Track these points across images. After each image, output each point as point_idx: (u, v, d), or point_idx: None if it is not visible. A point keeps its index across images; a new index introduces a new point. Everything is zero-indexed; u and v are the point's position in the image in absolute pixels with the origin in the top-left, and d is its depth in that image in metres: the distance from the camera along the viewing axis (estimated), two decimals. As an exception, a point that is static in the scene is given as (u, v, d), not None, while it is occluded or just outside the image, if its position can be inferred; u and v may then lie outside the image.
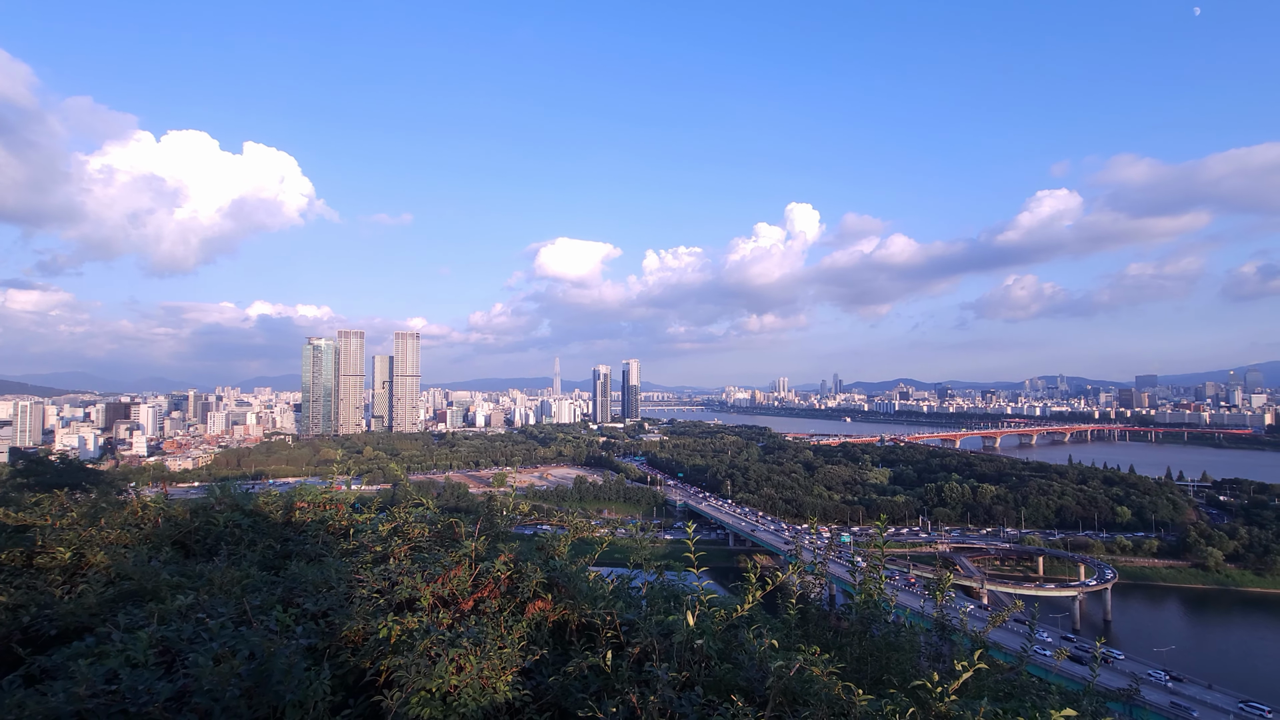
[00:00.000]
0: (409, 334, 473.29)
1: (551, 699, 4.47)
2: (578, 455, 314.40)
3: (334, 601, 5.00)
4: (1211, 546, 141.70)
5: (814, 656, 4.30)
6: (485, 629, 4.60)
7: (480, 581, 5.45)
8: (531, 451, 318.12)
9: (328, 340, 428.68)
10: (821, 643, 6.53)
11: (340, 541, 7.67)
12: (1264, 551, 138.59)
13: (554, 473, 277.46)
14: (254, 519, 8.34)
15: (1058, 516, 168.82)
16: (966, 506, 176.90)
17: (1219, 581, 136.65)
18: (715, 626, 5.26)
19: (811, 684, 4.11)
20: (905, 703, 3.99)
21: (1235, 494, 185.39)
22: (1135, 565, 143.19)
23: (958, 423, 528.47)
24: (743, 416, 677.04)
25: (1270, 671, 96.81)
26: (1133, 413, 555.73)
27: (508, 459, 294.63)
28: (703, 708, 4.07)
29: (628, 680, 4.35)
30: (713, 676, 4.63)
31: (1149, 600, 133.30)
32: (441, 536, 7.73)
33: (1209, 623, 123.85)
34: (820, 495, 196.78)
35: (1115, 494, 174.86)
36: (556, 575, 5.83)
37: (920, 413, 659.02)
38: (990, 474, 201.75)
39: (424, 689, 3.95)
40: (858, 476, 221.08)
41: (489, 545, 6.27)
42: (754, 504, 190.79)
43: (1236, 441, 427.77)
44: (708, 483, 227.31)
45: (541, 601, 5.36)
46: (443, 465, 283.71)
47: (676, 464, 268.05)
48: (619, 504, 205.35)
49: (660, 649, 4.80)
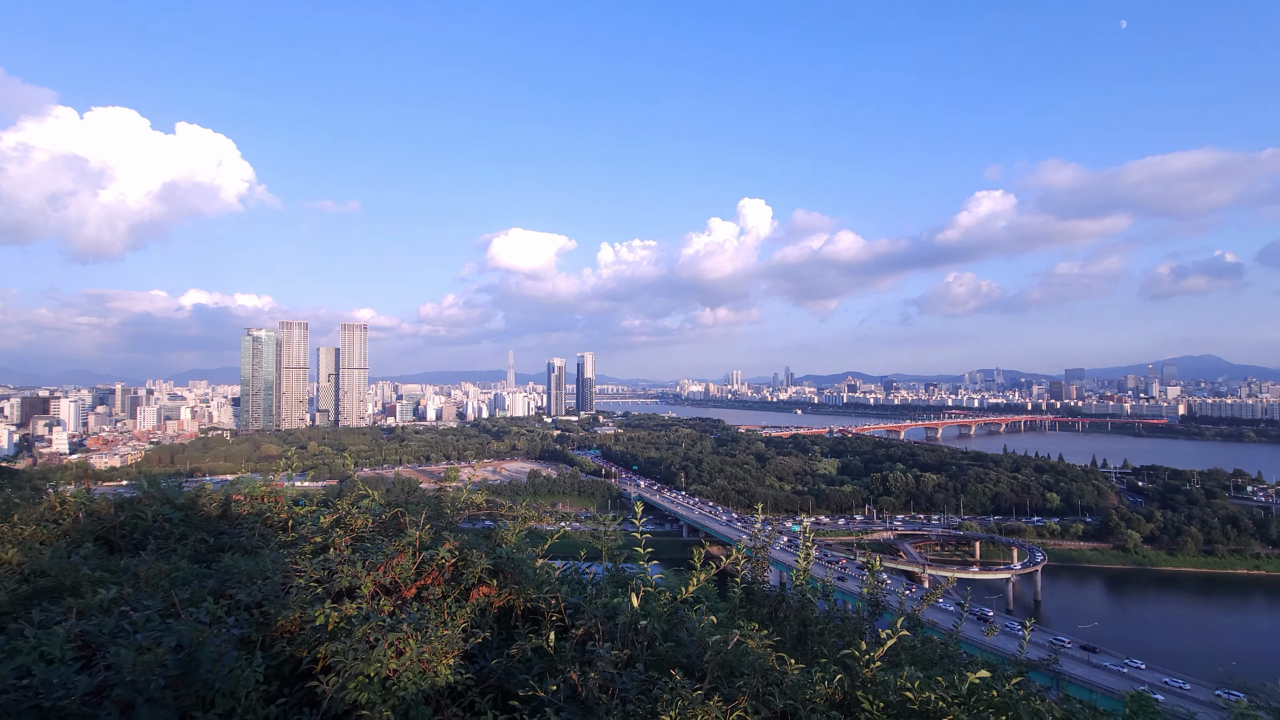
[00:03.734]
0: (356, 325, 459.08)
1: (495, 681, 4.52)
2: (532, 449, 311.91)
3: (269, 592, 4.90)
4: (1130, 529, 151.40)
5: (752, 631, 4.47)
6: (428, 614, 4.62)
7: (424, 569, 5.43)
8: (485, 445, 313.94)
9: (269, 331, 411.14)
10: (763, 621, 6.78)
11: (279, 534, 7.48)
12: (1176, 533, 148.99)
13: (508, 466, 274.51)
14: (186, 513, 8.03)
15: (994, 503, 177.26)
16: (910, 495, 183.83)
17: (1137, 562, 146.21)
18: (660, 608, 5.40)
19: (747, 656, 4.27)
20: (834, 670, 4.19)
21: (1152, 480, 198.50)
22: (1063, 548, 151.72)
23: (902, 414, 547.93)
24: (697, 409, 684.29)
25: (1179, 643, 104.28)
26: (1062, 404, 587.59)
27: (460, 453, 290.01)
28: (643, 683, 4.17)
29: (570, 660, 4.44)
30: (655, 654, 4.76)
31: (1075, 580, 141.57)
32: (386, 527, 7.63)
33: (1128, 600, 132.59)
34: (772, 486, 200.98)
35: (1046, 481, 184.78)
36: (503, 562, 5.86)
37: (867, 405, 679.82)
38: (932, 464, 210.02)
39: (362, 674, 3.96)
40: (808, 467, 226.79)
41: (434, 535, 6.25)
42: (708, 495, 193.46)
43: (1154, 431, 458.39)
44: (662, 475, 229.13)
45: (486, 587, 5.39)
46: (392, 460, 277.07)
47: (631, 457, 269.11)
48: (574, 497, 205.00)
49: (604, 630, 4.91)
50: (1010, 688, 3.99)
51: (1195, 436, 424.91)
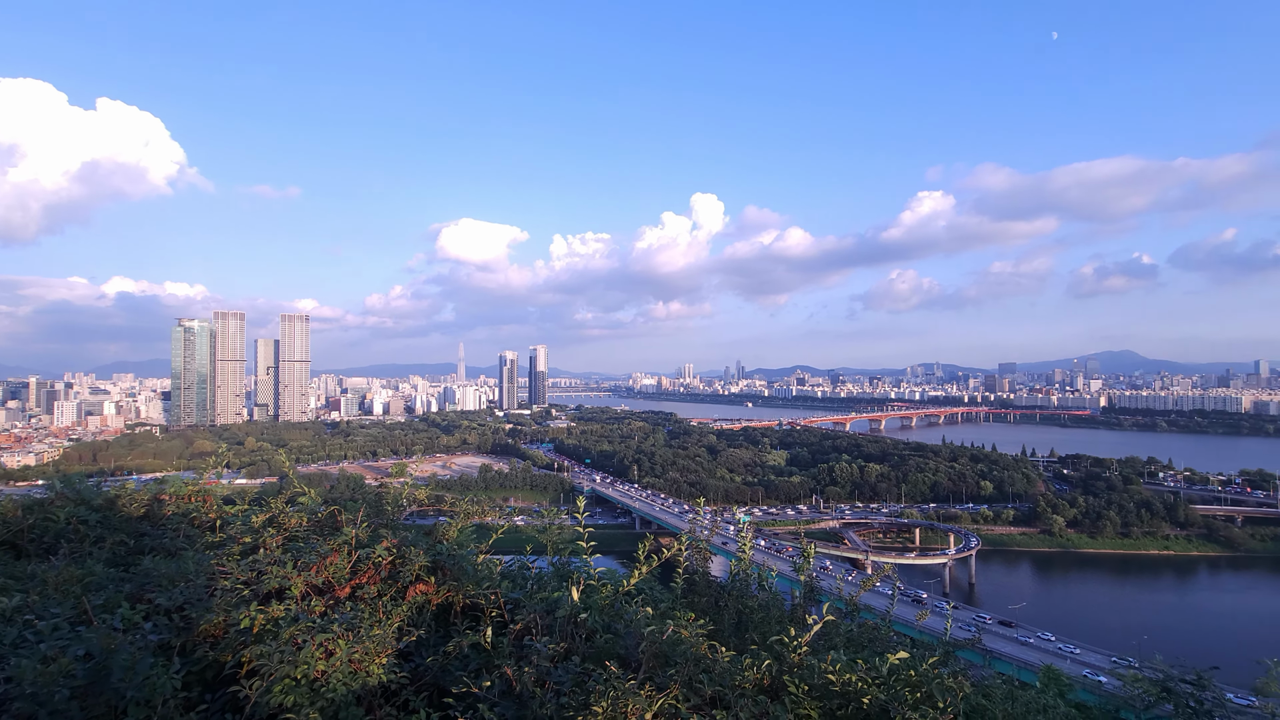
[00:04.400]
0: (297, 316, 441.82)
1: (430, 679, 4.49)
2: (483, 443, 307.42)
3: (192, 595, 4.73)
4: (1056, 515, 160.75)
5: (687, 621, 4.58)
6: (362, 614, 4.54)
7: (359, 568, 5.32)
8: (434, 440, 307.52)
9: (202, 322, 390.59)
10: (704, 610, 6.92)
11: (206, 535, 7.19)
12: (1096, 518, 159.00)
13: (458, 461, 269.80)
14: (103, 514, 7.61)
15: (933, 491, 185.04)
16: (855, 485, 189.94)
17: (1062, 545, 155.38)
18: (601, 601, 5.45)
19: (680, 645, 4.37)
20: (763, 657, 4.33)
21: (1076, 468, 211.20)
22: (996, 533, 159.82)
23: (848, 407, 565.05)
24: (649, 402, 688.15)
25: (1098, 619, 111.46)
26: (996, 396, 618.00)
27: (408, 448, 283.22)
28: (578, 675, 4.21)
29: (507, 655, 4.45)
30: (594, 646, 4.81)
31: (1006, 563, 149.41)
32: (322, 526, 7.42)
33: (1053, 581, 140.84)
34: (723, 478, 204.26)
35: (980, 470, 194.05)
36: (442, 559, 5.80)
37: (815, 398, 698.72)
38: (876, 454, 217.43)
39: (288, 676, 3.87)
40: (758, 459, 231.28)
41: (372, 533, 6.13)
42: (660, 488, 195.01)
43: (1078, 421, 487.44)
44: (615, 468, 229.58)
45: (424, 585, 5.32)
46: (336, 456, 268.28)
47: (584, 450, 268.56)
48: (526, 491, 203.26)
49: (543, 624, 4.93)
50: (926, 667, 4.21)
51: (1115, 427, 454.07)
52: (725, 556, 9.78)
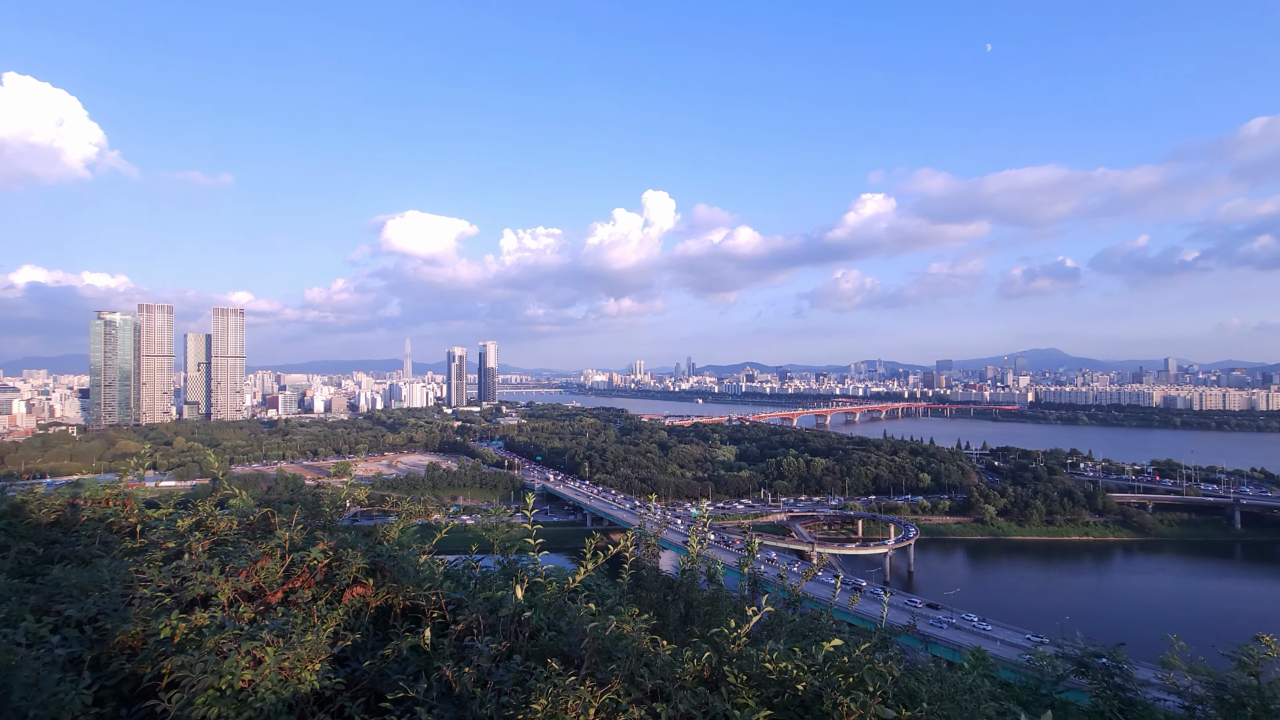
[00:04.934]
0: (231, 309, 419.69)
1: (367, 683, 4.39)
2: (431, 441, 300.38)
3: (107, 605, 4.45)
4: (987, 504, 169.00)
5: (631, 616, 4.60)
6: (294, 619, 4.39)
7: (293, 571, 5.12)
8: (379, 438, 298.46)
9: (125, 315, 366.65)
10: (651, 605, 6.97)
11: (125, 541, 6.77)
12: (1024, 506, 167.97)
13: (404, 460, 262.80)
14: (8, 521, 7.07)
15: (875, 484, 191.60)
16: (802, 479, 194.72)
17: (993, 533, 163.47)
18: (546, 598, 5.42)
19: (623, 640, 4.39)
20: (705, 648, 4.41)
21: (1005, 460, 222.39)
22: (933, 523, 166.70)
23: (795, 403, 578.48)
24: (601, 399, 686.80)
25: (1025, 602, 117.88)
26: (934, 392, 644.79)
27: (352, 446, 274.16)
28: (519, 674, 4.18)
29: (448, 657, 4.37)
30: (538, 645, 4.78)
31: (942, 552, 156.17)
32: (254, 529, 7.10)
33: (985, 567, 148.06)
34: (674, 473, 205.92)
35: (919, 463, 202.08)
36: (382, 560, 5.65)
37: (764, 394, 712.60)
38: (821, 449, 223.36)
39: (212, 687, 3.72)
40: (708, 454, 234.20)
41: (308, 535, 5.91)
42: (611, 484, 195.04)
43: (1009, 416, 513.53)
44: (566, 465, 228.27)
45: (361, 587, 5.18)
46: (274, 456, 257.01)
47: (535, 447, 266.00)
48: (475, 490, 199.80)
49: (485, 624, 4.87)
50: (859, 653, 4.38)
51: (1041, 421, 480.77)
52: (676, 551, 9.89)
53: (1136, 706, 7.58)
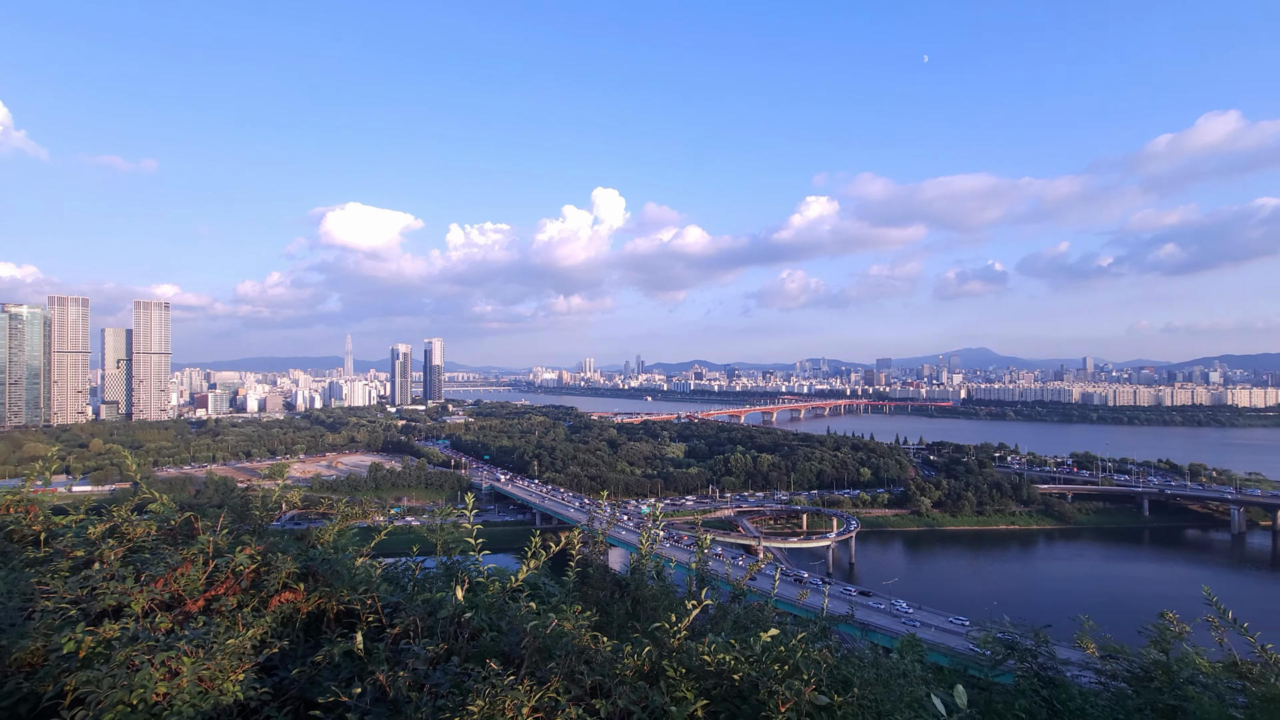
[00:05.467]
0: (154, 303, 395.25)
1: (296, 692, 4.21)
2: (373, 441, 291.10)
3: (3, 619, 4.10)
4: (923, 497, 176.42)
5: (573, 614, 4.57)
6: (217, 628, 4.15)
7: (216, 578, 4.85)
8: (319, 438, 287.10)
9: (33, 308, 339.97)
10: (596, 601, 6.94)
11: (28, 550, 6.26)
12: (957, 498, 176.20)
13: (345, 460, 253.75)
14: None
15: (819, 479, 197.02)
16: (749, 474, 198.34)
17: (929, 524, 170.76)
18: (488, 599, 5.31)
19: (564, 638, 4.36)
20: (645, 643, 4.43)
21: (940, 454, 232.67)
22: (873, 515, 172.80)
23: (743, 400, 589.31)
24: (550, 397, 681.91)
25: (958, 588, 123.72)
26: (874, 390, 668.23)
27: (289, 447, 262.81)
28: (457, 676, 4.12)
29: (383, 661, 4.24)
30: (478, 646, 4.69)
31: (882, 543, 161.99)
32: (175, 534, 6.69)
33: (921, 556, 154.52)
34: (623, 471, 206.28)
35: (860, 458, 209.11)
36: (315, 564, 5.42)
37: (712, 391, 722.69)
38: (768, 445, 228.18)
39: (122, 702, 3.54)
40: (657, 451, 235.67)
41: (234, 539, 5.62)
42: (560, 483, 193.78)
43: (943, 412, 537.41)
44: (515, 464, 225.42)
45: (291, 592, 4.95)
46: (203, 458, 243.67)
47: (483, 446, 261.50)
48: (420, 490, 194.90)
49: (424, 626, 4.74)
50: (795, 642, 4.48)
51: (972, 416, 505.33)
52: (626, 549, 9.88)
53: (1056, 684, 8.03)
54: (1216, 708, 6.18)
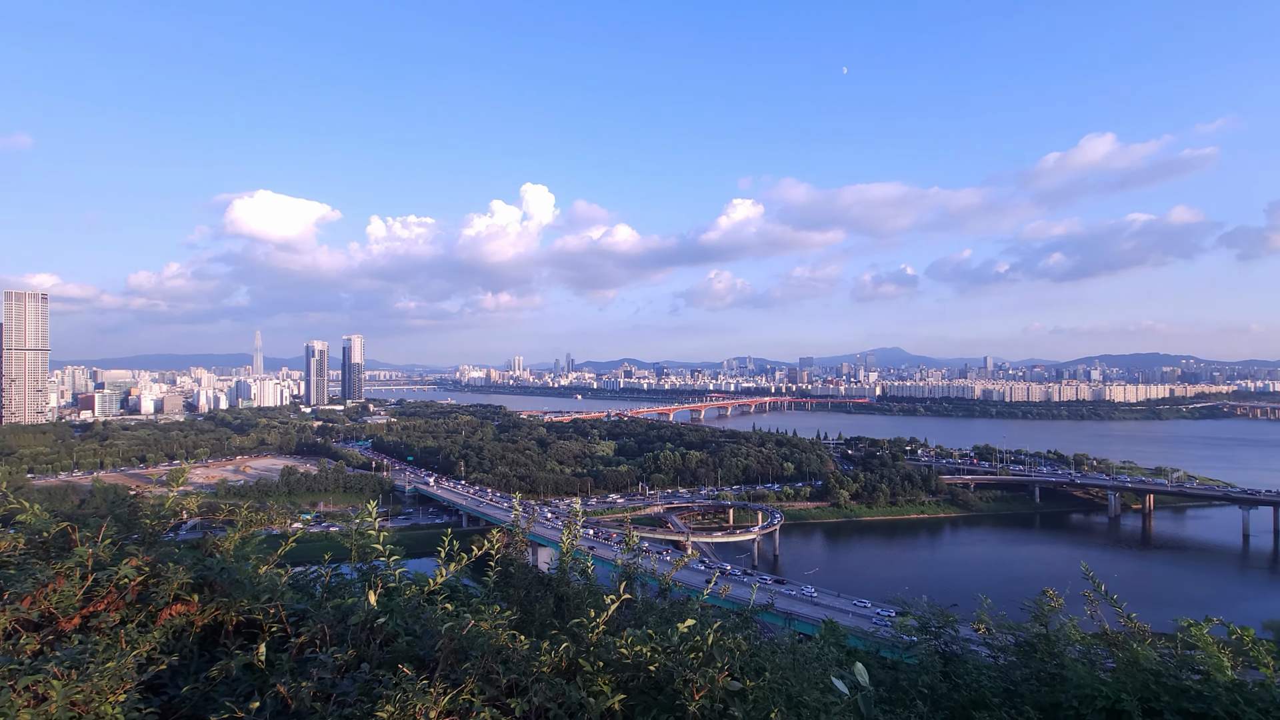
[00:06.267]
0: (29, 294, 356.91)
1: (188, 710, 3.97)
2: (286, 443, 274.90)
3: None
4: (842, 489, 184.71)
5: (491, 614, 4.50)
6: (95, 647, 3.82)
7: (96, 593, 4.45)
8: (224, 441, 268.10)
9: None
10: (518, 600, 6.86)
11: None
12: (872, 490, 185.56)
13: (255, 464, 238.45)
14: None
15: (745, 474, 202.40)
16: (678, 471, 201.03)
17: (847, 515, 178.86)
18: (404, 603, 5.14)
19: (480, 638, 4.29)
20: (563, 639, 4.43)
21: (857, 448, 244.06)
22: (795, 509, 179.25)
23: (672, 398, 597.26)
24: (478, 395, 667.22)
25: (873, 575, 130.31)
26: (797, 387, 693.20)
27: (190, 451, 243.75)
28: (366, 684, 3.99)
29: (287, 672, 4.04)
30: (392, 651, 4.54)
31: (804, 535, 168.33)
32: (49, 547, 6.08)
33: (840, 546, 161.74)
34: (553, 470, 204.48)
35: (784, 453, 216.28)
36: (212, 574, 5.07)
37: (642, 390, 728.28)
38: (696, 442, 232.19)
39: None
40: (587, 450, 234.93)
41: (118, 551, 5.17)
42: (489, 483, 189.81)
43: (861, 408, 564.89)
44: (441, 465, 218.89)
45: (184, 604, 4.60)
46: (90, 464, 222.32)
47: (406, 447, 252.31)
48: (338, 494, 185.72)
49: (333, 634, 4.54)
50: (710, 632, 4.61)
51: (887, 412, 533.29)
52: (554, 547, 9.84)
53: (955, 659, 8.63)
54: (1089, 673, 6.81)
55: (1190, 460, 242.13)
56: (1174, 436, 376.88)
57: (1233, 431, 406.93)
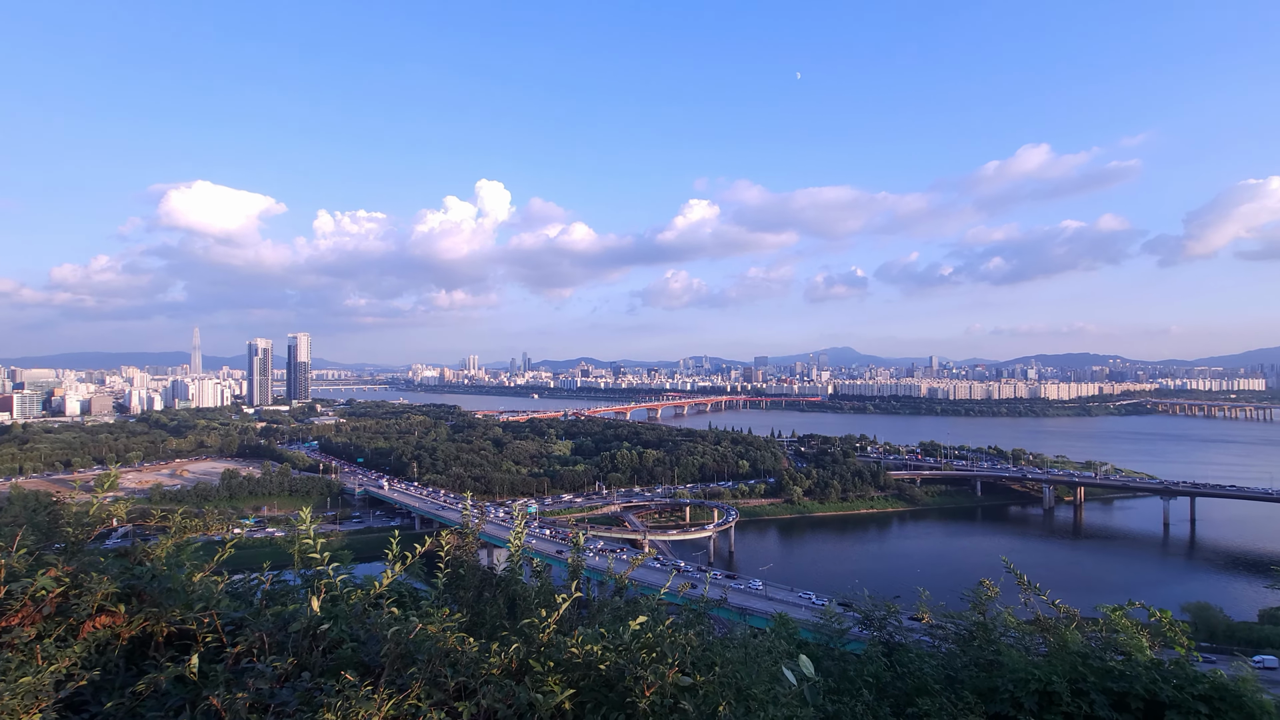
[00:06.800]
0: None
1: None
2: (228, 445, 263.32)
3: None
4: (795, 486, 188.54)
5: (440, 617, 4.40)
6: (7, 663, 3.69)
7: (9, 606, 4.16)
8: (159, 443, 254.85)
9: None
10: (467, 602, 6.76)
11: None
12: (824, 486, 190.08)
13: (194, 468, 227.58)
14: None
15: (701, 472, 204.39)
16: (635, 470, 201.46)
17: (800, 511, 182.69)
18: (349, 608, 4.99)
19: (427, 641, 4.20)
20: (514, 640, 4.38)
21: (810, 446, 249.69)
22: (751, 505, 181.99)
23: (629, 397, 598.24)
24: (431, 395, 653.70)
25: (825, 569, 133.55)
26: (752, 386, 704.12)
27: (121, 455, 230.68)
28: (307, 692, 3.87)
29: (221, 684, 3.87)
30: (335, 658, 4.40)
31: (759, 531, 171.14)
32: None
33: (793, 542, 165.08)
34: (509, 470, 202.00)
35: (739, 451, 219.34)
36: (141, 583, 4.80)
37: (599, 389, 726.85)
38: (653, 441, 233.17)
39: None
40: (544, 450, 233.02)
41: (35, 560, 4.85)
42: (443, 484, 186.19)
43: (813, 406, 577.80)
44: (393, 466, 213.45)
45: (109, 616, 4.34)
46: (7, 469, 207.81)
47: (356, 448, 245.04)
48: (284, 498, 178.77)
49: (272, 643, 4.36)
50: (662, 629, 4.64)
51: (838, 410, 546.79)
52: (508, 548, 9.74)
53: (899, 648, 8.94)
54: (1023, 658, 7.18)
55: (1117, 454, 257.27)
56: (1103, 432, 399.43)
57: (1155, 427, 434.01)
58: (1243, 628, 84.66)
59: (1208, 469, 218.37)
